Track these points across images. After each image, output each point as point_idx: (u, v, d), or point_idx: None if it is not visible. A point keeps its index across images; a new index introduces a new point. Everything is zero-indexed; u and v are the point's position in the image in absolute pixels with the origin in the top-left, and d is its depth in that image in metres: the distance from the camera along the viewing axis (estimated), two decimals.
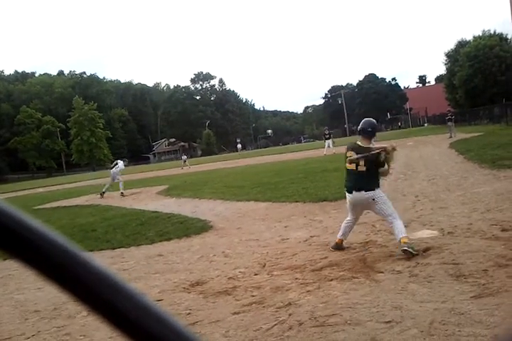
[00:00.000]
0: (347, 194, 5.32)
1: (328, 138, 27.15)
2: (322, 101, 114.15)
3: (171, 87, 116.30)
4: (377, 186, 5.21)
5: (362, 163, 5.16)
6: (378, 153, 5.09)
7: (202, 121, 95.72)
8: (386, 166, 5.23)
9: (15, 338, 4.05)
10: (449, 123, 27.78)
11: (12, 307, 5.04)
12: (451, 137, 25.75)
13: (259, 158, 36.89)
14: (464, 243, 4.99)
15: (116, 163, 18.15)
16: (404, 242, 4.84)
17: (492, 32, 49.70)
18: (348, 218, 5.51)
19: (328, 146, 26.44)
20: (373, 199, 5.12)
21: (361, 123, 5.45)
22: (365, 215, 7.39)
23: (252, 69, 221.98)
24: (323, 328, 3.35)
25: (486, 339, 2.84)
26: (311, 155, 26.97)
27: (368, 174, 5.17)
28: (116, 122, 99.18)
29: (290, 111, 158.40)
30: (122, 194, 17.15)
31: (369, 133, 5.36)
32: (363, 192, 5.13)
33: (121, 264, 6.36)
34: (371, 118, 5.57)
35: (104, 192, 17.57)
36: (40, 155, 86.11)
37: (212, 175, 21.84)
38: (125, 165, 18.72)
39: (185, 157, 40.54)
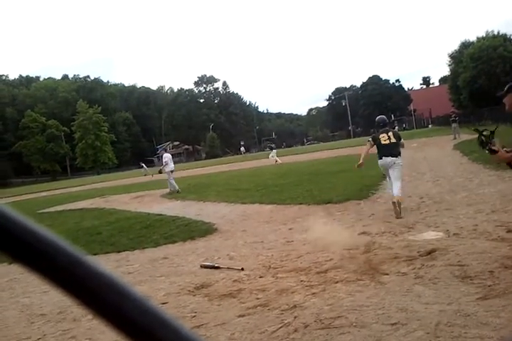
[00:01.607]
0: (379, 160, 7.65)
1: (272, 149, 30.70)
2: (326, 103, 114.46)
3: (175, 90, 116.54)
4: (400, 155, 7.59)
5: (393, 138, 7.59)
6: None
7: (206, 124, 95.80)
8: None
9: None
10: (454, 125, 27.70)
11: (18, 311, 5.05)
12: (455, 138, 25.69)
13: (264, 160, 36.87)
14: (470, 244, 4.97)
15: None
16: (398, 200, 7.13)
17: (496, 33, 49.69)
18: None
19: (272, 156, 29.16)
20: (394, 163, 7.48)
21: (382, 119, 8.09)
22: (370, 217, 7.41)
23: (256, 71, 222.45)
24: (329, 330, 3.35)
25: None
26: (316, 158, 26.98)
27: (396, 145, 7.59)
28: (121, 125, 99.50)
29: (294, 113, 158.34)
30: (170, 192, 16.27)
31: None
32: (390, 157, 7.49)
33: (126, 267, 6.36)
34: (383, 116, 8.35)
35: (178, 190, 16.04)
36: (45, 159, 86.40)
37: (217, 178, 21.85)
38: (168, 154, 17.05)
39: (144, 165, 40.92)
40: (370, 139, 7.80)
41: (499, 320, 3.09)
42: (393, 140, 7.58)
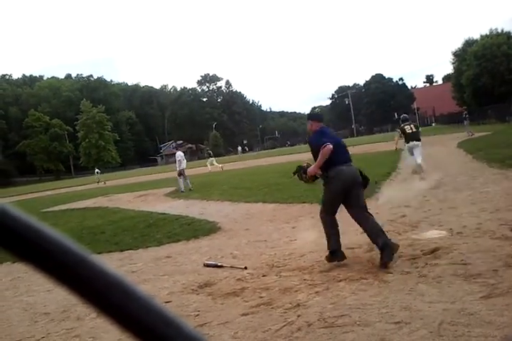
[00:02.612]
0: (407, 144, 11.49)
1: (211, 156, 31.07)
2: (329, 102, 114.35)
3: (178, 89, 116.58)
4: (420, 139, 11.37)
5: (414, 128, 11.48)
6: None
7: (209, 123, 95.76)
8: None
9: (25, 340, 4.08)
10: (465, 122, 28.27)
11: (22, 310, 5.07)
12: (470, 135, 25.78)
13: (269, 159, 36.82)
14: (473, 243, 4.95)
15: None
16: (420, 164, 11.10)
17: (499, 30, 49.47)
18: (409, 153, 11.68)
19: (212, 163, 29.87)
20: (418, 145, 11.30)
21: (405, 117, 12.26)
22: (375, 216, 7.38)
23: (259, 70, 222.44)
24: (332, 329, 3.34)
25: (495, 340, 2.82)
26: None
27: (417, 133, 11.43)
28: (124, 125, 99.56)
29: (297, 111, 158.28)
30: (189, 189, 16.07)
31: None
32: (415, 141, 11.26)
33: (129, 266, 6.38)
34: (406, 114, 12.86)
35: (182, 191, 15.97)
36: (49, 158, 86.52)
37: (220, 177, 21.86)
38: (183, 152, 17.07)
39: (99, 171, 39.91)
40: (399, 130, 11.67)
41: (503, 318, 3.08)
42: (415, 129, 11.41)
